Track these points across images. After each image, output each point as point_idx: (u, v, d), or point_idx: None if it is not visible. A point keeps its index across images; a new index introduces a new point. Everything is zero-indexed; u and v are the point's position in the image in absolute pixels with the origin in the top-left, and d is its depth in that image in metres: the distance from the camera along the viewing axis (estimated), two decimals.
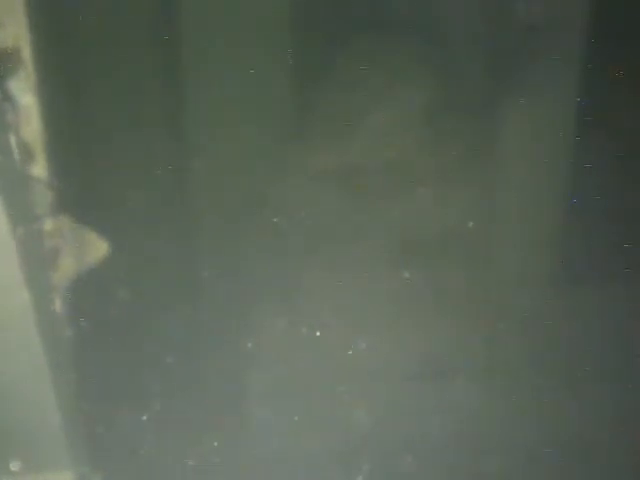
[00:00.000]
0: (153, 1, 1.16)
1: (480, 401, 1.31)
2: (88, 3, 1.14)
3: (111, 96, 1.18)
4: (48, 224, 1.19)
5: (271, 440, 1.28)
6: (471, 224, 1.27)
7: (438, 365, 1.30)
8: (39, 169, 1.17)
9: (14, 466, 1.20)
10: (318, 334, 1.26)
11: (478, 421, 1.30)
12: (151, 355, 1.26)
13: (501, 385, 1.31)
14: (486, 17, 1.21)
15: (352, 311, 1.27)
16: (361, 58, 1.21)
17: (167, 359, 1.26)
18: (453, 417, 1.30)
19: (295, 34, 1.19)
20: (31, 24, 1.12)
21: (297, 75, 1.20)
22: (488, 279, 1.30)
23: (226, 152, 1.22)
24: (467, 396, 1.31)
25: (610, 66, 1.20)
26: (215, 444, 1.24)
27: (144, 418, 1.23)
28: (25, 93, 1.14)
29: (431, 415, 1.30)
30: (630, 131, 1.23)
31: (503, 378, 1.31)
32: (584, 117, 1.22)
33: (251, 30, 1.17)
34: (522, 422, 1.31)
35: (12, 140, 1.15)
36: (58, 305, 1.22)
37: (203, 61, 1.18)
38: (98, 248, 1.22)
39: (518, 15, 1.19)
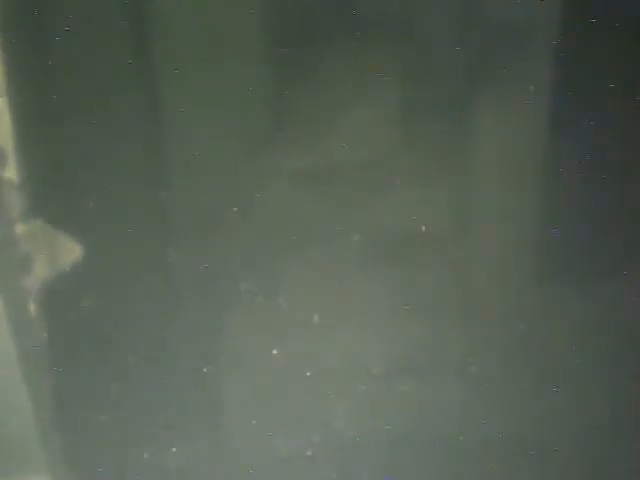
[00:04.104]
0: (125, 2, 1.15)
1: (455, 400, 1.31)
2: (59, 5, 1.13)
3: (83, 98, 1.16)
4: (20, 228, 1.18)
5: (236, 443, 1.29)
6: (448, 224, 1.26)
7: (413, 364, 1.30)
8: (10, 172, 1.16)
9: None
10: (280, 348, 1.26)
11: (453, 421, 1.31)
12: (126, 358, 1.26)
13: (478, 384, 1.31)
14: (463, 16, 1.20)
15: (325, 309, 1.27)
16: (337, 58, 1.20)
17: (143, 363, 1.26)
18: (426, 416, 1.31)
19: (270, 35, 1.18)
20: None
21: (273, 75, 1.20)
22: (468, 279, 1.30)
23: (201, 153, 1.21)
24: (441, 396, 1.31)
25: (590, 65, 1.19)
26: (174, 449, 1.25)
27: (103, 419, 1.24)
28: None
29: (405, 414, 1.30)
30: (611, 130, 1.23)
31: (482, 378, 1.31)
32: (566, 115, 1.22)
33: (225, 30, 1.16)
34: (497, 422, 1.31)
35: None
36: (30, 309, 1.21)
37: (176, 60, 1.17)
38: (71, 251, 1.21)
39: (495, 14, 1.18)
